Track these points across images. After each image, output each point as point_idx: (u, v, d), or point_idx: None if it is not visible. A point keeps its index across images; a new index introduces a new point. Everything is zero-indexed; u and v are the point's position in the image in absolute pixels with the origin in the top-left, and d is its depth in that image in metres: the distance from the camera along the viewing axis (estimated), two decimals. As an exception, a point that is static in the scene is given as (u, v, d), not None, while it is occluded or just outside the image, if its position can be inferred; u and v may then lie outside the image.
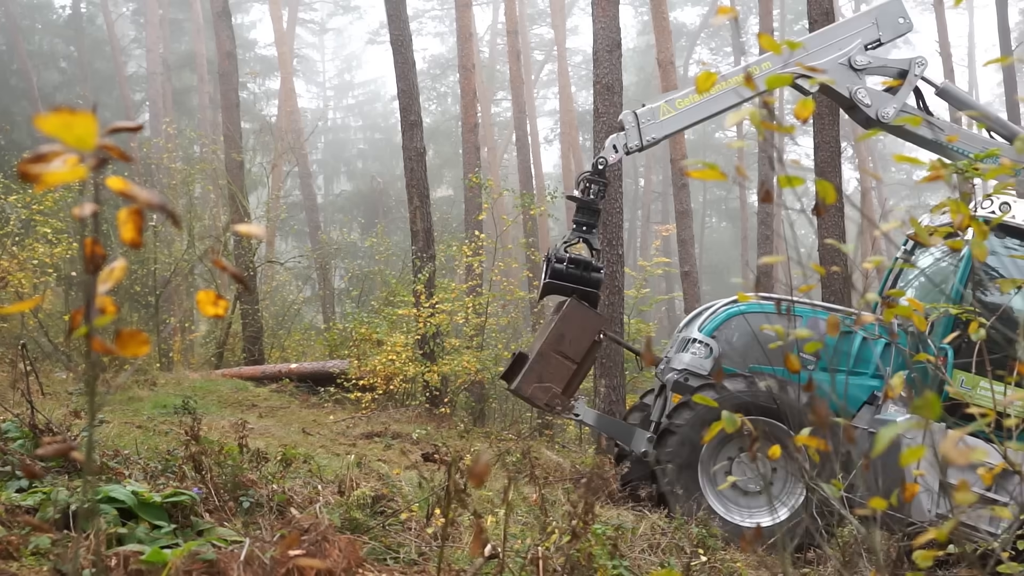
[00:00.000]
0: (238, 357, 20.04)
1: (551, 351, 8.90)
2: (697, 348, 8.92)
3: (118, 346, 1.55)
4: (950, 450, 1.49)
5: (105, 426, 7.60)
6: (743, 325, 9.01)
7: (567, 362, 8.88)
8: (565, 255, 9.12)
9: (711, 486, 8.40)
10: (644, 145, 9.39)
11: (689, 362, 8.87)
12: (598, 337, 9.20)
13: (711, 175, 2.20)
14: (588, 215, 9.28)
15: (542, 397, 8.87)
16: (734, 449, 8.50)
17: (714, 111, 9.65)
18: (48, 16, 41.29)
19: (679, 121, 9.49)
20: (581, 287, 9.03)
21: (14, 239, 15.64)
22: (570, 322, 8.96)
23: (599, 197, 9.30)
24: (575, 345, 8.91)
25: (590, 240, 9.32)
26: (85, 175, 1.38)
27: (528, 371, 8.91)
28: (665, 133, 9.51)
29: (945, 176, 2.82)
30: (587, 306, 9.07)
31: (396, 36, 16.78)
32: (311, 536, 3.76)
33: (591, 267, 9.10)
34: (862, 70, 9.39)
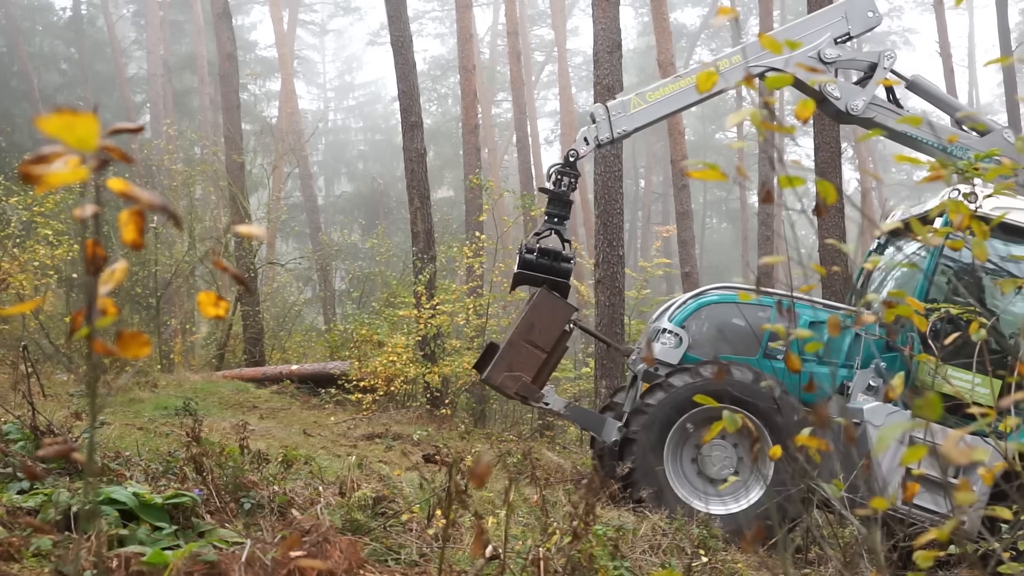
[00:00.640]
0: (239, 359, 20.05)
1: (521, 340, 8.99)
2: (667, 338, 9.01)
3: (119, 348, 1.56)
4: (951, 449, 1.49)
5: (106, 428, 7.60)
6: (712, 315, 9.16)
7: (537, 351, 8.96)
8: (535, 245, 9.22)
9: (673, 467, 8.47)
10: (615, 137, 9.49)
11: (659, 352, 8.96)
12: (568, 327, 9.26)
13: (712, 176, 2.21)
14: (559, 207, 9.36)
15: (512, 386, 8.95)
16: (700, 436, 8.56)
17: (684, 104, 9.79)
18: (49, 18, 41.30)
19: (650, 114, 9.55)
20: (551, 277, 9.13)
21: (15, 241, 15.64)
22: (540, 312, 9.06)
23: (570, 189, 9.39)
24: (545, 334, 9.00)
25: (561, 231, 9.39)
26: (86, 176, 1.38)
27: (498, 360, 8.99)
28: (636, 126, 9.58)
29: (946, 177, 2.82)
30: (557, 296, 9.13)
31: (396, 37, 16.78)
32: (312, 537, 3.76)
33: (561, 257, 9.18)
34: (832, 63, 9.45)
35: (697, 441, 8.53)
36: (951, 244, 2.97)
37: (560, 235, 9.38)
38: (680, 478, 8.51)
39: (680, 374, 8.54)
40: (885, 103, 9.60)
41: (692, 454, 8.58)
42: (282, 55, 37.84)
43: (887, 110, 9.49)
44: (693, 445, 8.57)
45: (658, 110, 9.55)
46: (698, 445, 8.54)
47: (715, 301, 9.29)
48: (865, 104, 9.41)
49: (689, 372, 8.51)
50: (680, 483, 8.47)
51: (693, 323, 9.11)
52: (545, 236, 9.38)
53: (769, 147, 2.17)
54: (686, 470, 8.56)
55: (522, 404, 10.46)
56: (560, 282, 9.15)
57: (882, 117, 9.52)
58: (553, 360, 9.24)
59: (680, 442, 8.52)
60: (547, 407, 9.23)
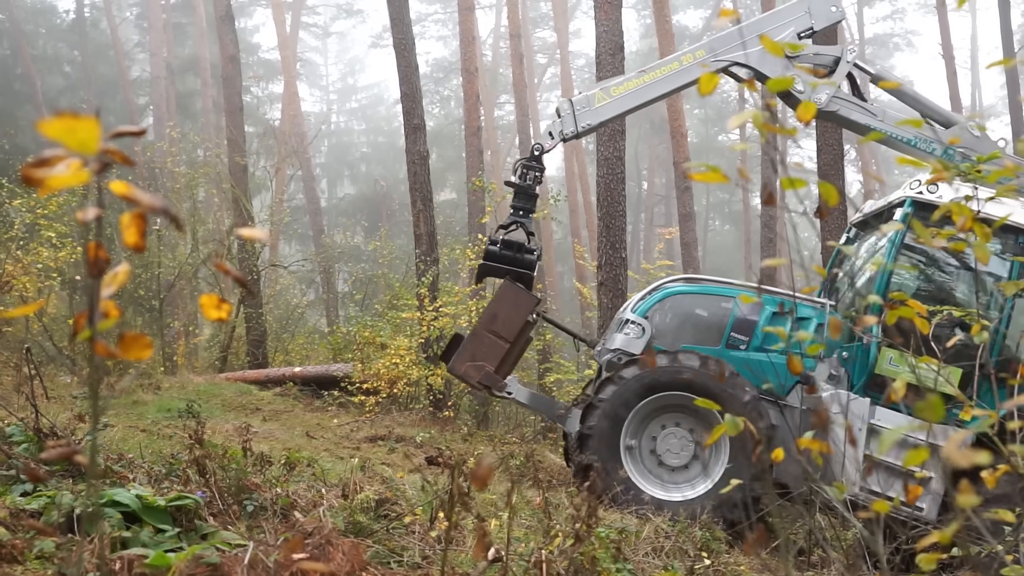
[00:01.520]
0: (242, 361, 20.05)
1: (484, 331, 9.18)
2: (630, 328, 9.17)
3: (122, 350, 1.56)
4: (953, 452, 1.49)
5: (109, 430, 7.60)
6: (675, 305, 9.29)
7: (500, 341, 9.10)
8: (499, 238, 9.40)
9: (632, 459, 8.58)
10: (579, 131, 9.63)
11: (622, 342, 9.11)
12: (531, 317, 9.40)
13: (714, 178, 2.21)
14: (525, 200, 9.55)
15: (475, 375, 9.12)
16: (657, 427, 8.69)
17: (648, 98, 9.88)
18: (52, 20, 41.35)
19: (614, 108, 9.69)
20: (514, 268, 9.28)
21: (18, 243, 15.66)
22: (502, 302, 9.24)
23: (535, 183, 9.56)
24: (507, 325, 9.14)
25: (526, 224, 9.55)
26: (88, 179, 1.38)
27: (462, 350, 9.17)
28: (600, 120, 9.74)
29: (948, 179, 2.82)
30: (520, 287, 9.26)
31: (399, 40, 16.80)
32: (315, 540, 3.76)
33: (524, 249, 9.36)
34: (795, 58, 9.49)
35: (655, 432, 8.67)
36: (954, 246, 2.96)
37: (525, 228, 9.55)
38: (639, 467, 8.62)
39: (630, 367, 8.65)
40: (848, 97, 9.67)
41: (650, 444, 8.70)
42: (285, 58, 37.86)
43: (850, 103, 9.53)
44: (650, 436, 8.70)
45: (622, 104, 9.70)
46: (655, 436, 8.67)
47: (678, 292, 9.43)
48: (828, 98, 9.48)
49: (638, 364, 8.62)
50: (639, 472, 8.57)
51: (656, 314, 9.25)
52: (512, 230, 9.54)
53: (771, 149, 2.17)
54: (644, 459, 8.67)
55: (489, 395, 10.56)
56: (524, 273, 9.31)
57: (845, 110, 9.59)
58: (516, 349, 9.38)
59: (637, 432, 8.64)
60: (510, 396, 9.35)
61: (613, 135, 14.01)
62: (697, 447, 8.61)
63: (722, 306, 9.14)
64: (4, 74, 34.43)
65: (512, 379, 9.28)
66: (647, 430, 8.68)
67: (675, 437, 8.64)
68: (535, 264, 9.41)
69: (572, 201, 34.30)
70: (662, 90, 9.77)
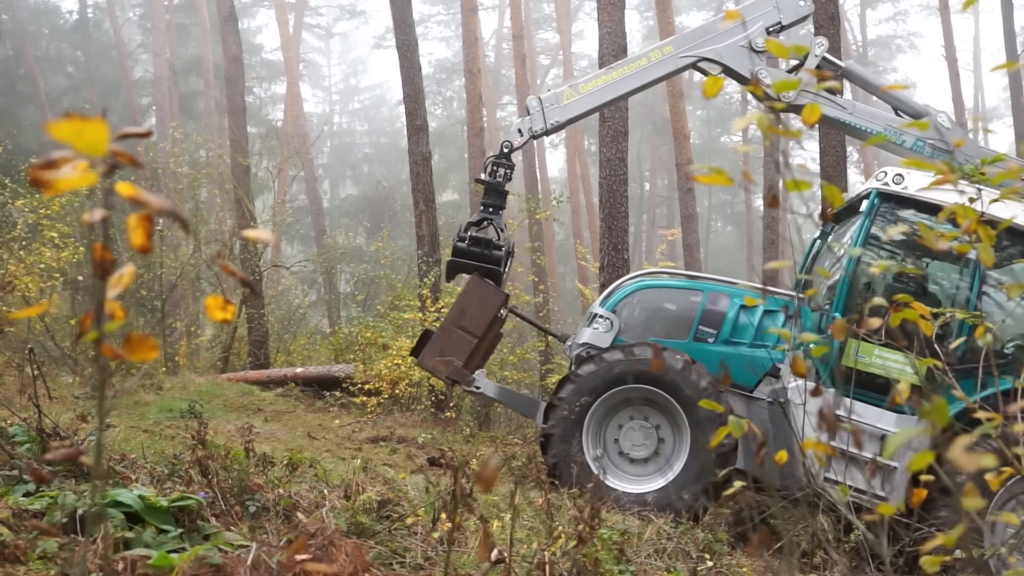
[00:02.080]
0: (244, 361, 20.04)
1: (452, 326, 9.29)
2: (598, 323, 9.26)
3: (127, 351, 1.56)
4: (958, 456, 1.49)
5: (112, 430, 7.60)
6: (644, 300, 9.39)
7: (468, 336, 9.21)
8: (467, 234, 9.50)
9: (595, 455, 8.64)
10: (548, 128, 9.71)
11: (590, 336, 9.21)
12: (500, 312, 9.47)
13: (718, 180, 2.21)
14: (495, 197, 9.68)
15: (443, 370, 9.23)
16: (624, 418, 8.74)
17: (617, 95, 9.95)
18: (55, 21, 41.42)
19: (582, 105, 9.75)
20: (483, 264, 9.37)
21: (21, 243, 15.67)
22: (471, 298, 9.34)
23: (505, 179, 9.66)
24: (476, 320, 9.24)
25: (496, 221, 9.66)
26: (95, 181, 1.39)
27: (431, 345, 9.30)
28: (569, 117, 9.77)
29: (953, 180, 2.82)
30: (488, 282, 9.34)
31: (402, 41, 16.80)
32: (318, 540, 3.76)
33: (492, 245, 9.44)
34: (763, 52, 9.60)
35: (620, 423, 8.72)
36: (959, 248, 2.96)
37: (495, 224, 9.65)
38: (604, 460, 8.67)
39: (587, 363, 8.72)
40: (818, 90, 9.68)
41: (614, 435, 8.76)
42: (288, 58, 37.87)
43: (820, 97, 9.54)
44: (616, 426, 8.75)
45: (590, 101, 9.77)
46: (620, 426, 8.73)
47: (646, 286, 9.52)
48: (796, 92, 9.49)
49: (595, 360, 8.67)
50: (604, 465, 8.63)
51: (625, 308, 9.33)
52: (484, 228, 9.63)
53: (775, 151, 2.17)
54: (609, 452, 8.73)
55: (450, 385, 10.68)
56: (492, 269, 9.38)
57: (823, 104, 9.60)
58: (484, 344, 9.46)
59: (601, 426, 8.70)
60: (478, 391, 9.42)
61: (616, 136, 14.01)
62: (661, 442, 8.68)
63: (690, 300, 9.23)
64: (7, 74, 34.47)
65: (480, 373, 9.35)
66: (611, 423, 8.75)
67: (638, 430, 8.70)
68: (503, 260, 9.48)
69: (574, 202, 34.30)
70: (631, 86, 9.82)
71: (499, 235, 9.62)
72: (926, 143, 9.07)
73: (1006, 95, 38.54)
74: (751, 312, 8.96)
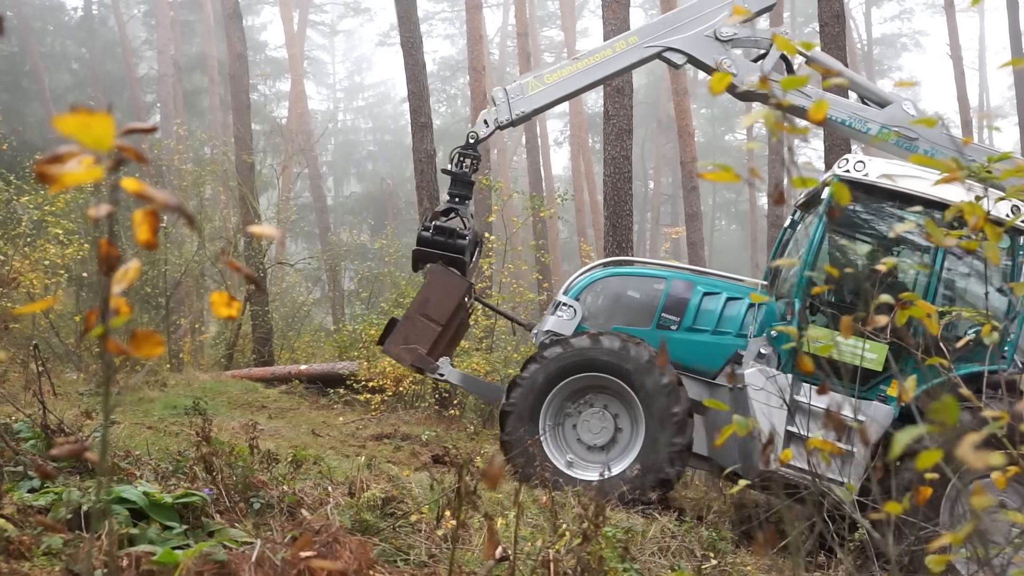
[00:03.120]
0: (248, 358, 20.06)
1: (416, 314, 9.43)
2: (563, 311, 9.38)
3: (133, 347, 1.56)
4: (967, 453, 1.48)
5: (116, 427, 7.61)
6: (607, 287, 9.47)
7: (432, 324, 9.33)
8: (431, 224, 9.61)
9: (551, 438, 8.75)
10: (514, 119, 9.76)
11: (554, 324, 9.33)
12: (464, 300, 9.58)
13: (725, 177, 2.20)
14: (461, 187, 9.79)
15: (407, 357, 9.38)
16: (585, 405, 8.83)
17: (581, 86, 9.98)
18: (60, 18, 41.47)
19: (547, 95, 9.80)
20: (447, 254, 9.48)
21: (26, 240, 15.68)
22: (434, 286, 9.48)
23: (472, 170, 9.79)
24: (439, 308, 9.37)
25: (462, 211, 9.77)
26: (101, 176, 1.38)
27: (395, 333, 9.44)
28: (534, 107, 9.84)
29: (960, 178, 2.81)
30: (451, 271, 9.46)
31: (406, 38, 16.78)
32: (322, 537, 3.76)
33: (456, 234, 9.57)
34: (728, 41, 9.56)
35: (580, 409, 8.82)
36: (965, 245, 2.95)
37: (461, 214, 9.76)
38: (560, 446, 8.79)
39: (553, 346, 8.80)
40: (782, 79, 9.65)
41: (572, 422, 8.86)
42: (292, 55, 37.87)
43: None
44: (576, 412, 8.85)
45: (555, 92, 9.80)
46: (580, 412, 8.82)
47: (610, 275, 9.63)
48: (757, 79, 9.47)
49: (560, 344, 8.76)
50: (560, 451, 8.75)
51: (588, 296, 9.44)
52: (452, 218, 9.76)
53: (782, 149, 2.15)
54: (567, 438, 8.83)
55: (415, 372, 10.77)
56: (456, 258, 9.49)
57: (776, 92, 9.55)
58: (449, 333, 9.57)
59: (560, 411, 8.80)
60: (441, 378, 9.57)
61: (620, 134, 14.00)
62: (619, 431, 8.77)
63: (654, 287, 9.30)
64: (12, 71, 34.52)
65: (444, 361, 9.45)
66: (571, 409, 8.85)
67: (597, 417, 8.79)
68: (467, 249, 9.56)
69: (578, 200, 34.27)
70: (595, 76, 9.85)
71: (465, 224, 9.75)
72: (891, 130, 9.07)
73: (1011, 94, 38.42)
74: (714, 299, 9.06)
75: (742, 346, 8.68)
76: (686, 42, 9.58)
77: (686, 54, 9.59)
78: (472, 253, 9.91)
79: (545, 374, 8.65)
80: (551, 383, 8.65)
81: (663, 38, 9.63)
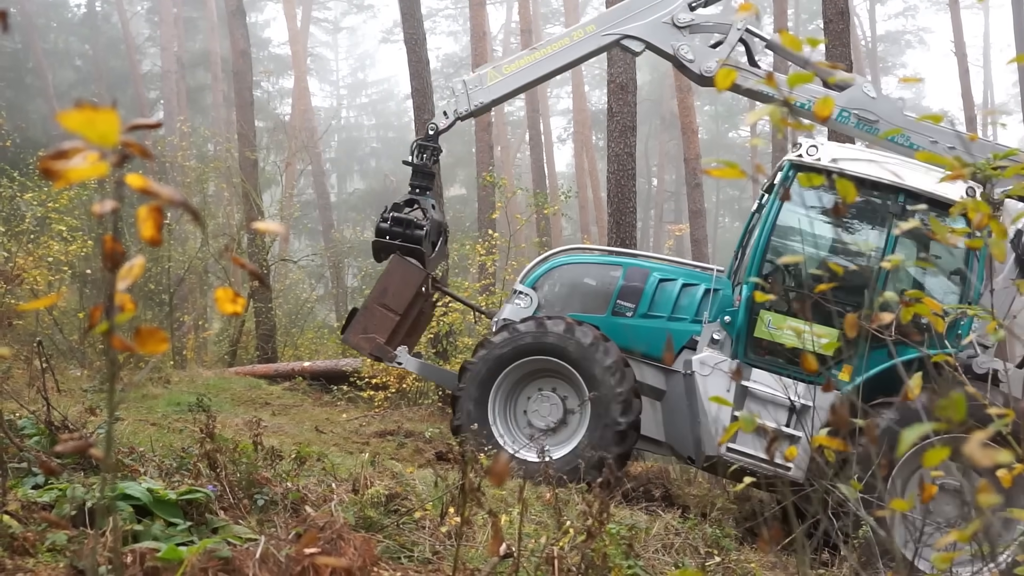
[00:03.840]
0: (251, 355, 20.07)
1: (375, 304, 9.56)
2: (520, 299, 9.50)
3: (138, 344, 1.55)
4: (974, 451, 1.47)
5: (120, 423, 7.61)
6: (563, 275, 9.57)
7: (390, 314, 9.46)
8: (389, 215, 9.72)
9: (501, 420, 8.88)
10: (472, 110, 9.84)
11: (510, 312, 9.44)
12: (422, 289, 9.71)
13: (731, 174, 2.19)
14: (422, 178, 9.94)
15: (366, 347, 9.52)
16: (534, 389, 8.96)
17: (540, 74, 9.99)
18: (63, 14, 41.51)
19: (505, 86, 9.84)
20: (405, 244, 9.58)
21: (29, 236, 15.69)
22: (392, 276, 9.58)
23: (432, 161, 9.92)
24: (397, 298, 9.50)
25: (422, 202, 9.87)
26: (106, 172, 1.38)
27: (355, 323, 9.59)
28: (492, 98, 9.89)
29: (965, 175, 2.80)
30: (409, 261, 9.56)
31: (410, 35, 16.79)
32: (326, 534, 3.76)
33: (413, 225, 9.64)
34: (686, 28, 9.55)
35: (529, 394, 8.95)
36: (970, 243, 2.94)
37: (422, 205, 9.85)
38: (512, 429, 8.92)
39: (501, 332, 8.95)
40: (741, 64, 9.66)
41: (523, 406, 8.99)
42: (295, 52, 37.90)
43: (744, 72, 9.52)
44: (525, 397, 8.98)
45: (514, 82, 9.84)
46: (529, 397, 8.95)
47: (566, 263, 9.72)
48: (719, 65, 9.53)
49: (507, 329, 8.90)
50: (510, 434, 8.87)
51: (545, 284, 9.54)
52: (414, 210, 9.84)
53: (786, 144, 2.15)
54: (518, 422, 8.97)
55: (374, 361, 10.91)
56: (414, 248, 9.58)
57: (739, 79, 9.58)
58: (408, 322, 9.69)
59: (510, 395, 8.95)
60: (400, 366, 9.74)
61: (624, 131, 13.99)
62: (567, 413, 8.87)
63: (610, 275, 9.39)
64: (16, 68, 34.52)
65: (402, 350, 9.54)
66: (521, 393, 8.99)
67: (546, 401, 8.91)
68: (423, 239, 9.64)
69: (582, 197, 34.26)
70: (553, 66, 9.87)
71: (426, 215, 9.82)
72: (851, 113, 9.06)
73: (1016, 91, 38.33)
74: (669, 286, 9.13)
75: (698, 332, 8.76)
76: (643, 29, 9.59)
77: (643, 41, 9.61)
78: (435, 243, 10.05)
79: (493, 359, 8.79)
80: (499, 367, 8.79)
81: (620, 26, 9.64)
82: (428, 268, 9.82)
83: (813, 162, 7.92)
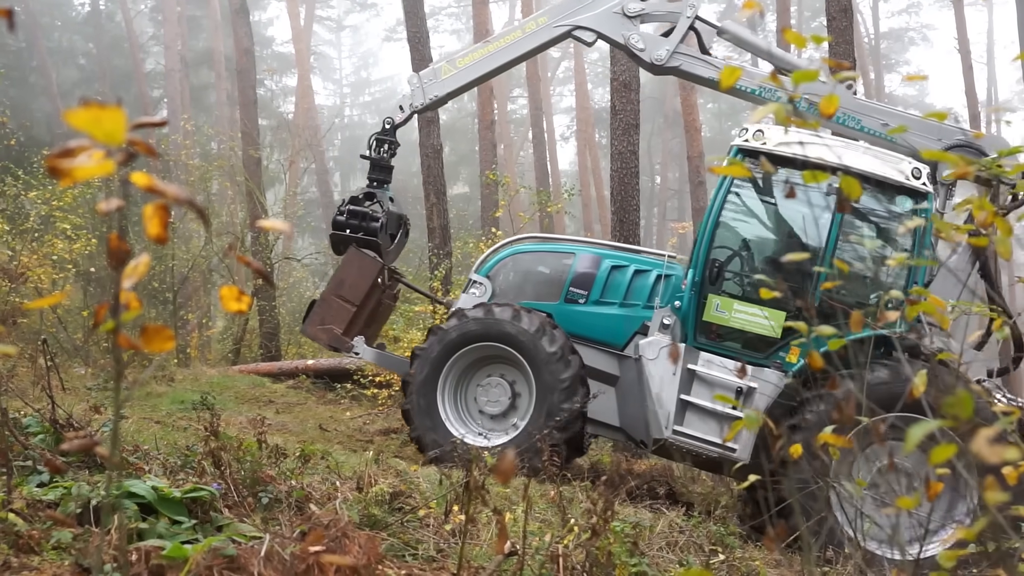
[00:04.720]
0: (255, 353, 20.08)
1: (332, 296, 9.72)
2: (474, 288, 9.60)
3: (144, 342, 1.56)
4: (982, 447, 1.47)
5: (124, 421, 7.62)
6: (517, 264, 9.66)
7: (347, 305, 9.60)
8: (344, 208, 9.92)
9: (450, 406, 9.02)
10: (427, 103, 10.04)
11: (465, 301, 9.53)
12: (378, 281, 9.79)
13: (736, 171, 2.19)
14: (379, 172, 10.15)
15: (324, 337, 9.68)
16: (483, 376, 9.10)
17: (494, 67, 10.08)
18: (67, 13, 41.55)
19: (460, 79, 9.97)
20: (361, 236, 9.74)
21: (33, 235, 15.72)
22: (349, 268, 9.72)
23: (389, 155, 10.12)
24: (354, 289, 9.63)
25: (379, 195, 10.03)
26: (112, 170, 1.38)
27: (312, 315, 9.76)
28: (447, 91, 10.04)
29: (970, 173, 2.80)
30: (364, 253, 9.69)
31: (413, 33, 16.80)
32: (331, 532, 3.76)
33: (369, 217, 9.80)
34: (636, 17, 9.61)
35: (479, 380, 9.08)
36: (974, 242, 2.94)
37: (379, 199, 10.00)
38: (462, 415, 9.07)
39: (450, 319, 9.12)
40: (691, 52, 9.68)
41: (473, 393, 9.13)
42: (299, 51, 37.91)
43: (693, 59, 9.55)
44: (476, 384, 9.12)
45: (468, 75, 9.95)
46: (479, 384, 9.08)
47: (519, 251, 9.81)
48: (668, 53, 9.58)
49: (456, 315, 9.05)
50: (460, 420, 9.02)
51: (500, 272, 9.64)
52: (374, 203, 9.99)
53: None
54: (469, 408, 9.12)
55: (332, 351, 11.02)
56: (370, 240, 9.73)
57: (688, 65, 9.65)
58: (365, 313, 9.79)
59: (460, 381, 9.09)
60: (356, 356, 9.86)
61: (627, 129, 13.98)
62: (516, 397, 8.99)
63: (563, 262, 9.46)
64: (19, 67, 34.54)
65: (359, 340, 9.64)
66: (472, 379, 9.12)
67: (495, 387, 9.03)
68: (379, 231, 9.76)
69: (585, 195, 34.27)
70: (506, 58, 9.95)
71: (383, 208, 9.93)
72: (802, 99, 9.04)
73: (1020, 88, 38.34)
74: (621, 272, 9.18)
75: (650, 318, 8.82)
76: (594, 20, 9.65)
77: (595, 31, 9.67)
78: (393, 235, 10.20)
79: (442, 345, 8.90)
80: (448, 353, 8.89)
81: (571, 17, 9.70)
82: (386, 260, 9.95)
83: (759, 146, 7.96)
